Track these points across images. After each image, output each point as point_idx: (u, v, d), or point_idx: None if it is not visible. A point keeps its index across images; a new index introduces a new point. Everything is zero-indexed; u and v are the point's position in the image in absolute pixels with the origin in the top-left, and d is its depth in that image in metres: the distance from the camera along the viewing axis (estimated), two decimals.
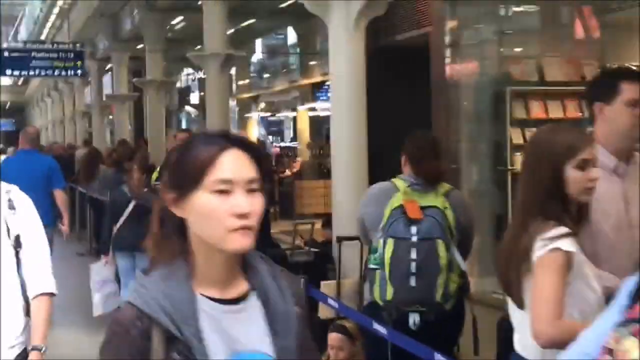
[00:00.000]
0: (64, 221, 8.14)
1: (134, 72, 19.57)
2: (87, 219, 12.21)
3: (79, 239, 13.35)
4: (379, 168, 7.42)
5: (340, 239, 5.49)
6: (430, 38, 8.38)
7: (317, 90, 18.68)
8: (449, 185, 3.65)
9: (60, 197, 7.87)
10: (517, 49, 8.76)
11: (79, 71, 15.94)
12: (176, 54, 19.72)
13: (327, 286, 5.18)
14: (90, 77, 22.26)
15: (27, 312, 2.98)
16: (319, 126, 21.39)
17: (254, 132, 24.66)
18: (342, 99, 6.80)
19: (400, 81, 8.73)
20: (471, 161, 8.29)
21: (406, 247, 3.34)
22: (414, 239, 3.35)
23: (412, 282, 3.32)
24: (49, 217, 7.49)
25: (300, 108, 20.58)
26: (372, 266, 3.47)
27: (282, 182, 16.46)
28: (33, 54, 15.44)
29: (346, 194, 6.76)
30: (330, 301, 3.51)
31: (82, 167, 11.78)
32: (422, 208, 3.45)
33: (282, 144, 23.47)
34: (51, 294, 3.00)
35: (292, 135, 25.33)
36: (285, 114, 24.04)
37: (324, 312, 4.43)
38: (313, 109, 20.19)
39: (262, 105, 23.86)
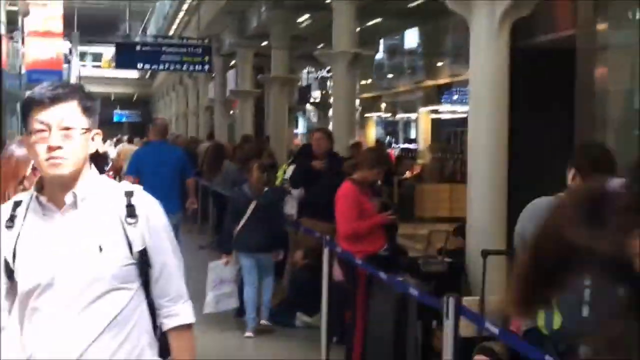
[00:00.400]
0: (192, 199, 8.53)
1: (257, 69, 19.75)
2: (210, 212, 12.30)
3: (200, 231, 13.53)
4: (519, 176, 7.05)
5: (486, 253, 5.14)
6: (576, 40, 7.86)
7: (442, 92, 18.23)
8: None
9: (192, 184, 8.35)
10: None
11: (206, 66, 16.16)
12: (300, 52, 19.80)
13: (469, 302, 4.85)
14: (215, 72, 22.63)
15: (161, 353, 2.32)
16: (441, 128, 20.92)
17: (373, 132, 24.49)
18: (482, 101, 6.43)
19: (542, 86, 8.23)
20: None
21: None
22: None
23: (585, 311, 2.97)
24: (178, 205, 7.95)
25: (422, 109, 20.17)
26: None
27: (401, 184, 16.13)
28: (163, 48, 15.79)
29: (483, 203, 6.40)
30: (489, 324, 3.17)
31: (207, 161, 11.88)
32: None
33: (402, 146, 23.13)
34: (191, 325, 2.36)
35: (412, 137, 24.95)
36: (406, 115, 23.66)
37: (466, 329, 4.10)
38: (435, 111, 19.74)
39: (384, 105, 23.58)
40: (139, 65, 16.21)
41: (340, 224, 5.66)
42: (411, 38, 20.01)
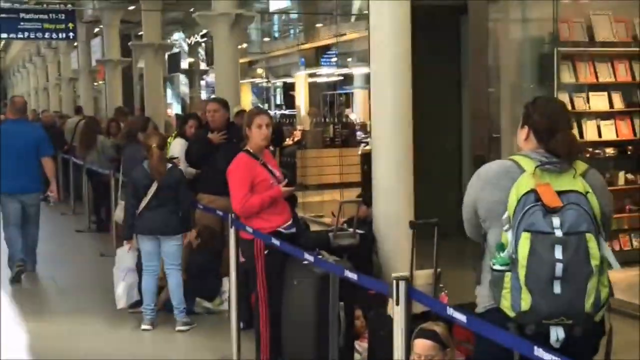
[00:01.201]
0: (51, 188, 8.25)
1: (123, 37, 18.64)
2: (85, 192, 11.41)
3: (76, 213, 12.59)
4: (421, 136, 6.77)
5: (415, 225, 4.77)
6: None
7: (320, 54, 17.84)
8: (584, 163, 2.93)
9: (48, 165, 8.00)
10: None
11: (70, 34, 14.92)
12: (168, 17, 18.84)
13: (422, 277, 4.46)
14: (78, 41, 21.24)
15: None
16: (319, 92, 20.61)
17: (249, 99, 23.84)
18: (384, 59, 6.05)
19: (435, 42, 7.97)
20: (514, 130, 7.57)
21: (549, 244, 2.63)
22: (558, 233, 2.64)
23: (557, 288, 2.62)
24: (38, 184, 8.00)
25: (298, 74, 19.72)
26: (497, 267, 2.76)
27: (281, 152, 15.71)
28: (21, 15, 14.41)
29: (389, 167, 6.07)
30: (452, 310, 2.78)
31: (80, 137, 10.97)
32: (559, 193, 2.74)
33: (278, 112, 22.61)
34: None
35: (282, 102, 24.48)
36: (282, 80, 23.13)
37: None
38: (313, 75, 19.35)
39: (259, 70, 22.97)
40: None
41: (232, 199, 5.11)
42: None
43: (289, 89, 23.60)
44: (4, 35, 15.11)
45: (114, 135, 11.36)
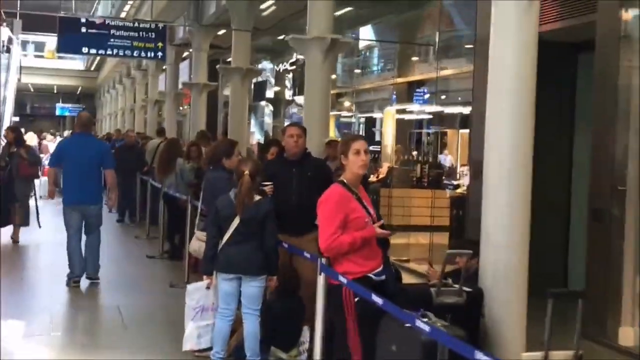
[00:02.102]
0: (110, 196, 8.95)
1: (211, 62, 18.38)
2: (160, 217, 10.90)
3: (149, 238, 12.11)
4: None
5: (555, 294, 3.94)
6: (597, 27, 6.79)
7: (413, 89, 17.09)
8: None
9: (110, 176, 8.51)
10: None
11: (159, 53, 14.66)
12: (258, 44, 18.47)
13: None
14: (166, 63, 21.19)
15: None
16: (406, 130, 19.83)
17: (331, 132, 23.26)
18: (505, 101, 5.27)
19: (545, 80, 7.09)
20: None
21: None
22: None
23: None
24: (99, 195, 8.58)
25: (388, 109, 19.01)
26: None
27: (365, 189, 14.95)
28: (112, 31, 14.26)
29: (502, 219, 5.23)
30: None
31: (160, 159, 10.49)
32: None
33: None
34: None
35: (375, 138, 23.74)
36: (369, 115, 22.45)
37: None
38: (403, 111, 18.60)
39: (347, 103, 22.38)
40: (84, 50, 14.62)
41: (320, 234, 4.43)
42: (383, 30, 18.65)
43: (372, 124, 22.93)
44: (93, 51, 14.98)
45: (193, 159, 10.85)
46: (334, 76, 21.45)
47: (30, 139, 18.40)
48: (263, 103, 27.34)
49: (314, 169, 6.14)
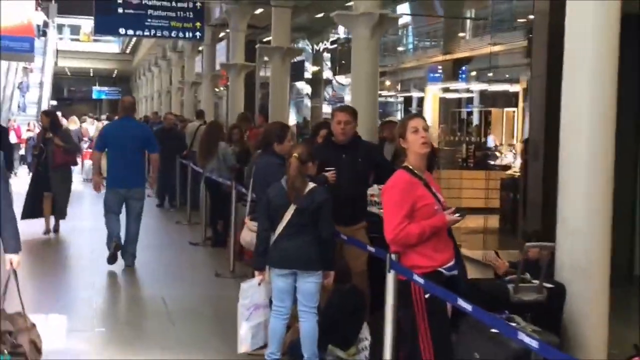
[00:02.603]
0: (152, 174, 9.27)
1: (248, 43, 17.96)
2: (201, 203, 10.55)
3: (191, 223, 11.81)
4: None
5: None
6: None
7: (458, 67, 16.50)
8: None
9: (155, 160, 8.72)
10: None
11: (197, 33, 14.27)
12: (296, 22, 17.99)
13: None
14: (203, 44, 20.82)
15: None
16: (448, 109, 19.28)
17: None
18: (583, 79, 4.78)
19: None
20: None
21: None
22: None
23: None
24: (142, 179, 8.71)
25: (429, 87, 18.45)
26: None
27: None
28: (149, 12, 13.88)
29: (582, 206, 4.75)
30: None
31: (201, 143, 10.12)
32: None
33: None
34: None
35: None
36: (406, 94, 21.87)
37: None
38: (447, 90, 18.02)
39: (387, 83, 21.82)
40: (121, 31, 14.27)
41: (385, 225, 4.04)
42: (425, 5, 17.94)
43: (410, 103, 22.39)
44: (131, 32, 14.64)
45: (235, 142, 10.49)
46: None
47: (73, 122, 18.13)
48: (300, 83, 26.91)
49: (365, 155, 5.72)
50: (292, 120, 24.01)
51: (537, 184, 8.15)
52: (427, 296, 3.84)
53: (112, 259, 8.25)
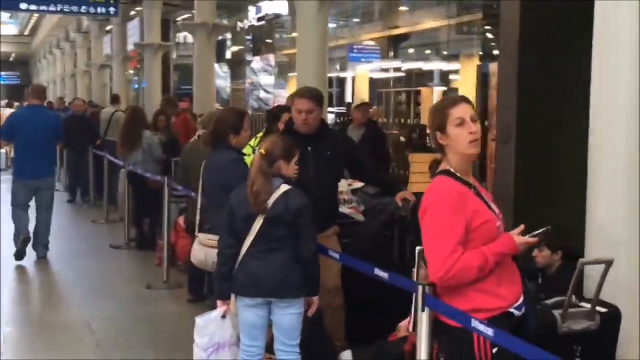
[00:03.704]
0: None
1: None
2: (123, 199, 9.25)
3: (109, 221, 10.51)
4: None
5: None
6: None
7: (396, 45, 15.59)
8: None
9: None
10: None
11: (111, 8, 12.76)
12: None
13: None
14: (113, 23, 19.27)
15: None
16: (375, 90, 18.46)
17: None
18: (619, 55, 3.91)
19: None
20: None
21: None
22: None
23: None
24: (52, 169, 8.46)
25: (360, 66, 17.53)
26: None
27: None
28: None
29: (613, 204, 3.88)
30: None
31: (123, 132, 8.81)
32: None
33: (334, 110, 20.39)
34: None
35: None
36: (340, 74, 20.86)
37: None
38: (380, 69, 17.15)
39: None
40: (23, 6, 12.59)
41: (431, 258, 2.85)
42: None
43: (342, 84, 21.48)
44: (34, 7, 12.93)
45: (161, 130, 9.27)
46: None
47: None
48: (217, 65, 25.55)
49: (334, 147, 4.68)
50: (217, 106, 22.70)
51: (508, 168, 7.36)
52: (494, 351, 2.77)
53: (19, 255, 7.90)
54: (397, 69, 16.51)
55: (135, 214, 9.04)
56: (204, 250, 4.38)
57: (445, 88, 17.19)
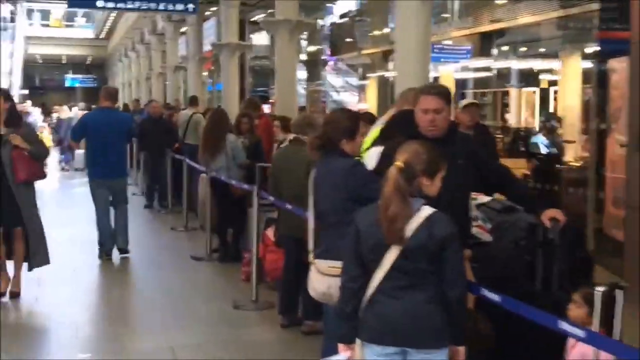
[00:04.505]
0: None
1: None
2: (207, 207, 8.66)
3: (188, 229, 9.98)
4: None
5: None
6: None
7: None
8: None
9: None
10: None
11: (190, 5, 12.25)
12: None
13: None
14: (188, 25, 18.89)
15: None
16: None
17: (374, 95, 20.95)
18: None
19: None
20: None
21: None
22: None
23: None
24: (124, 169, 8.62)
25: (444, 67, 16.67)
26: None
27: None
28: None
29: None
30: None
31: (207, 137, 8.21)
32: None
33: None
34: None
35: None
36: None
37: None
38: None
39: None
40: (99, 4, 12.23)
41: None
42: None
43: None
44: (111, 5, 12.55)
45: (244, 134, 8.65)
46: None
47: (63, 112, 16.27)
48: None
49: (466, 153, 3.89)
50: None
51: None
52: None
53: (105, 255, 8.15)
54: (484, 69, 15.62)
55: (219, 224, 8.43)
56: (325, 281, 3.64)
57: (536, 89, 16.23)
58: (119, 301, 6.84)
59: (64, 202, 13.02)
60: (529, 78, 16.09)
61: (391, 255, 2.96)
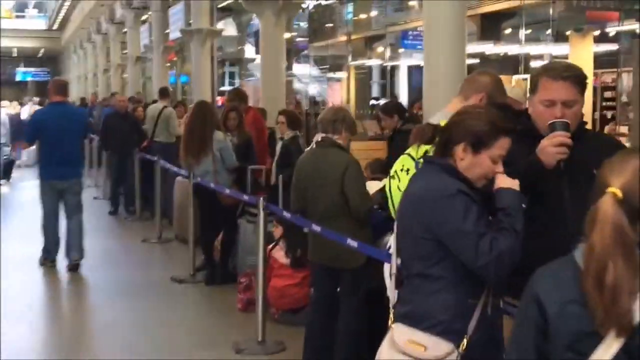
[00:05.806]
0: None
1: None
2: (190, 219, 7.25)
3: (162, 242, 8.58)
4: None
5: None
6: None
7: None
8: None
9: None
10: None
11: None
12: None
13: None
14: (152, 10, 17.39)
15: None
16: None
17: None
18: None
19: None
20: None
21: None
22: None
23: None
24: (78, 170, 7.74)
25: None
26: None
27: None
28: None
29: None
30: None
31: (190, 135, 6.75)
32: None
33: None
34: None
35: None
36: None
37: None
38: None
39: (380, 49, 18.77)
40: None
41: None
42: None
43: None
44: None
45: (232, 131, 7.28)
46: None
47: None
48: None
49: (600, 158, 2.60)
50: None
51: None
52: None
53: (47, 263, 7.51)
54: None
55: (203, 239, 7.04)
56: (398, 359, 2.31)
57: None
58: (74, 343, 5.42)
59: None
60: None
61: (607, 352, 1.65)
